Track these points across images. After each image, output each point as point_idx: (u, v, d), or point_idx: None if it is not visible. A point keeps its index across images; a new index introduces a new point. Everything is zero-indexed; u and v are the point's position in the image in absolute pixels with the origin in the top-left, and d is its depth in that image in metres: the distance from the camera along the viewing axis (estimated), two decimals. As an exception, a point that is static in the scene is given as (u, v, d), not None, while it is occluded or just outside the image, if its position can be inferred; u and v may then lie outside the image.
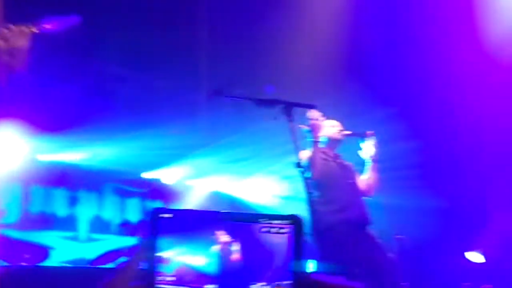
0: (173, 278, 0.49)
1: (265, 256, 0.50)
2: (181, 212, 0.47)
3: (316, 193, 3.53)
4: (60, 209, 6.04)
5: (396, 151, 5.09)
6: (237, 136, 5.76)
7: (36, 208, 5.87)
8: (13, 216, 5.61)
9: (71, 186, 6.17)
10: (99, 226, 6.21)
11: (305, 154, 3.49)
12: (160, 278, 0.48)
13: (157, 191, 6.71)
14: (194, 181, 6.89)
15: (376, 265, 3.42)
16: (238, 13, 4.79)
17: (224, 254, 0.54)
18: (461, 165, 5.45)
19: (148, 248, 0.46)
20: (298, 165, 2.75)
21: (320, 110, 3.21)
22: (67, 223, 6.03)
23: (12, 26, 1.59)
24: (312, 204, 3.49)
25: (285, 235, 0.49)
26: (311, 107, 2.99)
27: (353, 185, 3.65)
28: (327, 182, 3.55)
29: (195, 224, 0.48)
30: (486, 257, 5.16)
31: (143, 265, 0.47)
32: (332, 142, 3.74)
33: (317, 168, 3.38)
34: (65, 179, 6.16)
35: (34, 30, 1.64)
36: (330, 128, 3.76)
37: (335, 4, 4.72)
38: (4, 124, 5.11)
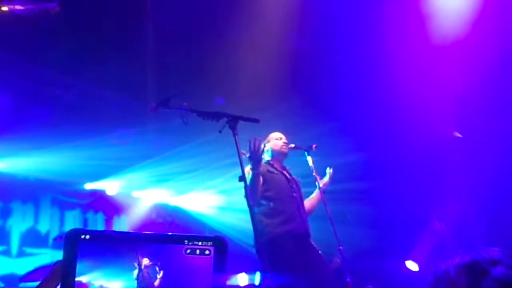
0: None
1: (188, 279, 0.48)
2: (100, 233, 0.45)
3: (261, 205, 3.57)
4: (-9, 221, 5.64)
5: (339, 164, 5.25)
6: (181, 148, 5.67)
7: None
8: None
9: (4, 197, 5.78)
10: (34, 239, 5.84)
11: (248, 168, 3.56)
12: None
13: (99, 202, 6.46)
14: (137, 193, 6.72)
15: (320, 276, 3.47)
16: (186, 23, 4.75)
17: (145, 279, 0.51)
18: (401, 176, 5.68)
19: (64, 271, 0.43)
20: (241, 178, 2.74)
21: (264, 122, 3.23)
22: (-2, 237, 5.64)
23: None
24: (255, 216, 3.54)
25: (209, 257, 0.48)
26: (255, 121, 2.99)
27: (298, 198, 3.70)
28: (273, 194, 3.58)
29: (115, 246, 0.45)
30: (420, 266, 5.43)
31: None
32: (278, 154, 3.78)
33: (259, 183, 3.42)
34: (-3, 189, 5.77)
35: (4, 8, 1.51)
36: (275, 141, 3.81)
37: (281, 17, 4.77)
38: None
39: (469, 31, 4.52)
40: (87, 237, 0.47)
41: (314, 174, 3.73)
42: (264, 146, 3.83)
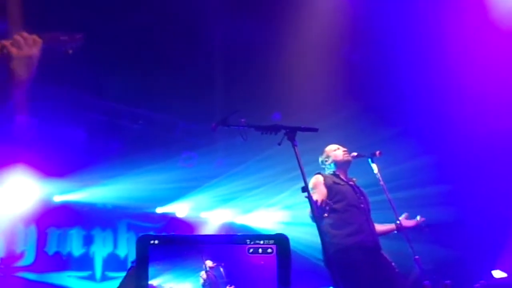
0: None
1: (252, 277, 0.48)
2: (168, 238, 0.47)
3: (328, 217, 3.50)
4: (76, 249, 6.06)
5: (407, 170, 5.01)
6: (245, 165, 5.76)
7: (52, 249, 5.89)
8: (29, 259, 5.64)
9: (86, 226, 6.20)
10: (114, 263, 6.19)
11: (313, 180, 3.52)
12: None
13: (171, 225, 6.70)
14: (205, 213, 6.89)
15: None
16: (242, 42, 4.88)
17: (211, 280, 0.52)
18: (478, 177, 5.29)
19: (137, 275, 0.45)
20: (304, 189, 2.70)
21: (323, 132, 3.20)
22: (83, 263, 6.03)
23: (26, 34, 1.58)
24: (323, 228, 3.48)
25: (272, 255, 0.48)
26: (313, 130, 2.96)
27: (366, 209, 3.58)
28: (340, 206, 3.50)
29: (182, 250, 0.47)
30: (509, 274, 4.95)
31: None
32: (342, 164, 3.68)
33: (322, 193, 3.37)
34: (79, 218, 6.21)
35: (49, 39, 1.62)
36: (334, 152, 3.74)
37: (333, 25, 4.74)
38: (17, 167, 5.24)
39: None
40: (156, 242, 0.49)
41: (381, 183, 3.59)
42: (324, 160, 3.82)
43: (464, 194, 5.34)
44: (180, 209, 6.66)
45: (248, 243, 0.51)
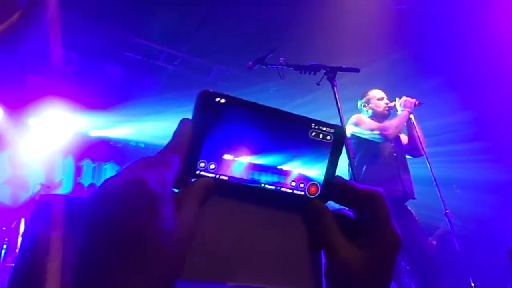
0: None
1: (308, 159, 0.47)
2: (237, 99, 0.42)
3: (359, 166, 3.47)
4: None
5: (446, 124, 4.83)
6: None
7: (87, 180, 6.16)
8: (67, 187, 5.93)
9: (119, 161, 6.41)
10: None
11: (356, 117, 3.52)
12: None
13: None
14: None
15: (414, 246, 3.23)
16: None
17: None
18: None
19: (195, 135, 0.39)
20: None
21: (366, 78, 3.08)
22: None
23: None
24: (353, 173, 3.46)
25: (330, 142, 0.47)
26: (355, 70, 2.84)
27: (399, 158, 3.51)
28: (372, 155, 3.46)
29: (253, 116, 0.43)
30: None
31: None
32: (379, 116, 3.58)
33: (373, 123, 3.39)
34: (113, 154, 6.42)
35: None
36: (377, 101, 3.62)
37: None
38: (55, 100, 5.39)
39: None
40: (222, 101, 0.43)
41: (417, 133, 3.47)
42: (364, 104, 3.70)
43: (501, 152, 5.13)
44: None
45: (313, 126, 0.48)
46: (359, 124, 3.49)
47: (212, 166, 0.44)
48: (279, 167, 0.47)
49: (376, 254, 0.43)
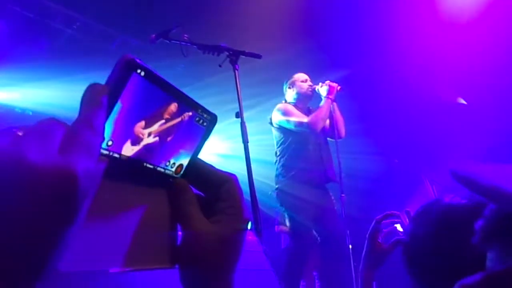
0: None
1: (184, 142, 0.49)
2: (156, 75, 0.38)
3: (284, 149, 3.57)
4: None
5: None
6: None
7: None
8: None
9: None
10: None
11: (281, 106, 3.61)
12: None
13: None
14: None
15: (325, 221, 3.31)
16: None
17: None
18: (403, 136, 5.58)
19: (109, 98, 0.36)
20: (237, 115, 2.65)
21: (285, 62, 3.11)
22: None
23: None
24: (280, 161, 3.56)
25: (204, 127, 0.49)
26: (257, 56, 2.87)
27: (323, 142, 3.66)
28: (298, 138, 3.56)
29: (160, 95, 0.41)
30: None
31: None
32: (304, 98, 3.72)
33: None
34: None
35: None
36: (301, 83, 3.73)
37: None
38: None
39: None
40: (142, 73, 0.42)
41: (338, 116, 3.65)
42: (289, 86, 3.79)
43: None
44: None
45: (199, 112, 0.49)
46: (287, 115, 3.55)
47: (110, 143, 0.42)
48: (163, 147, 0.48)
49: (226, 229, 0.49)
